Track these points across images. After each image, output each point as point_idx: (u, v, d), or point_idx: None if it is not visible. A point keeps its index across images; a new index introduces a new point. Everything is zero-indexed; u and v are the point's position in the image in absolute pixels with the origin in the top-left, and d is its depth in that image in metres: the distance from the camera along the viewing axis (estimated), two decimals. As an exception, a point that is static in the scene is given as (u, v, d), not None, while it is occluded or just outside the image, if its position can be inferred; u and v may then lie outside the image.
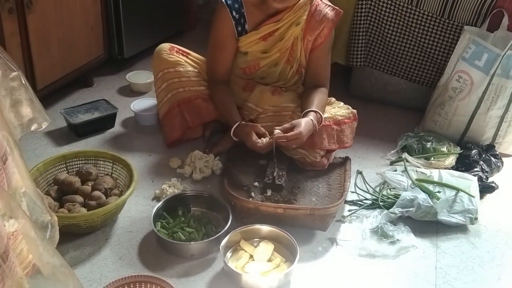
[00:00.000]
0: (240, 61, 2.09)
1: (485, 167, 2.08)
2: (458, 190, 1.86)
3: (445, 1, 2.29)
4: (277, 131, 1.81)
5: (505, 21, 2.22)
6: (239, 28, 2.00)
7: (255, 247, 1.65)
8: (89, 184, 1.77)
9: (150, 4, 2.86)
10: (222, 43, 2.03)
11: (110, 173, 1.86)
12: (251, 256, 1.61)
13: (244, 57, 2.07)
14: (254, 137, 1.85)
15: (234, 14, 1.97)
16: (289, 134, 1.79)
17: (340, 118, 1.99)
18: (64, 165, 1.85)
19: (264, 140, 1.85)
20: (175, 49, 2.14)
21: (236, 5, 1.96)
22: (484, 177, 2.03)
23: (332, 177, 2.00)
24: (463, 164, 2.10)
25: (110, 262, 1.60)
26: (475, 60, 2.15)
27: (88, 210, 1.65)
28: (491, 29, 2.25)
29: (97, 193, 1.71)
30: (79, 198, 1.71)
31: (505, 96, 2.15)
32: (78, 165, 1.86)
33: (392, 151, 2.21)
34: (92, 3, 2.45)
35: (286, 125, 1.83)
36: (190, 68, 2.12)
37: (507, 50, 2.08)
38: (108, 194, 1.74)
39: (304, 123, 1.82)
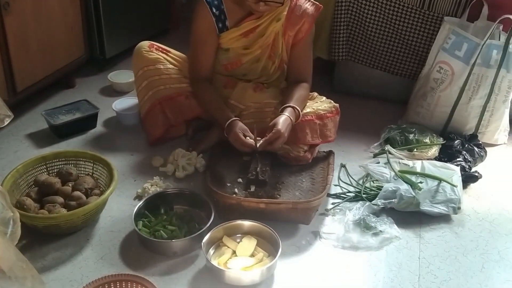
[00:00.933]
0: (222, 58, 2.08)
1: (468, 157, 2.08)
2: (440, 180, 1.86)
3: (425, -7, 2.30)
4: (259, 143, 1.81)
5: (485, 10, 2.23)
6: (220, 25, 1.99)
7: (238, 242, 1.64)
8: (70, 185, 1.76)
9: (131, 3, 2.84)
10: (203, 40, 2.02)
11: (90, 173, 1.84)
12: (234, 252, 1.61)
13: (226, 53, 2.07)
14: (242, 136, 1.83)
15: (214, 10, 1.96)
16: (268, 136, 1.79)
17: (322, 112, 1.99)
18: (44, 166, 1.83)
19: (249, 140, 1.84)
20: (155, 46, 2.13)
21: (216, 2, 1.96)
22: (467, 166, 2.03)
23: (315, 171, 2.00)
24: (446, 155, 2.10)
25: (91, 262, 1.59)
26: (455, 51, 2.15)
27: (68, 211, 1.63)
28: (471, 19, 2.27)
29: (77, 193, 1.70)
30: (60, 199, 1.69)
31: (486, 85, 2.16)
32: (59, 166, 1.84)
33: (375, 144, 2.22)
34: (71, 3, 2.43)
35: (267, 133, 1.81)
36: (170, 66, 2.11)
37: (486, 39, 2.09)
38: (89, 194, 1.72)
39: (281, 121, 1.82)
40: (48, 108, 2.31)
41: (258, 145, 1.81)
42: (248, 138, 1.84)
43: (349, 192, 1.95)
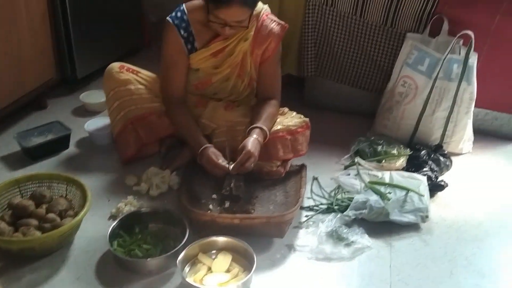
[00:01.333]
0: (192, 78, 2.12)
1: (434, 166, 2.16)
2: (407, 190, 1.92)
3: (388, 10, 2.39)
4: (231, 167, 1.84)
5: (445, 26, 2.32)
6: (189, 46, 2.03)
7: (213, 259, 1.66)
8: (44, 207, 1.75)
9: (102, 23, 2.86)
10: (173, 61, 2.05)
11: (64, 195, 1.84)
12: (210, 268, 1.63)
13: (196, 73, 2.10)
14: (221, 166, 1.86)
15: (182, 33, 2.00)
16: (239, 158, 1.82)
17: (293, 127, 2.04)
18: (18, 189, 1.82)
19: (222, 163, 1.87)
20: (125, 67, 2.16)
21: (184, 24, 1.99)
22: (434, 176, 2.10)
23: (288, 184, 2.04)
24: (413, 165, 2.17)
25: (67, 283, 1.59)
26: (418, 65, 2.24)
27: (43, 233, 1.63)
28: (433, 35, 2.36)
29: (51, 215, 1.70)
30: (34, 222, 1.69)
31: (448, 98, 2.25)
32: (32, 189, 1.84)
33: (346, 156, 2.28)
34: (41, 25, 2.44)
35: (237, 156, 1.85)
36: (141, 86, 2.13)
37: (447, 54, 2.18)
38: (63, 216, 1.72)
39: (250, 142, 1.85)
40: (20, 130, 2.30)
41: (231, 168, 1.84)
42: (221, 161, 1.88)
43: (322, 204, 2.00)
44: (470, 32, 2.16)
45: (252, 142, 1.86)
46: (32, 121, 2.48)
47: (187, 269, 1.63)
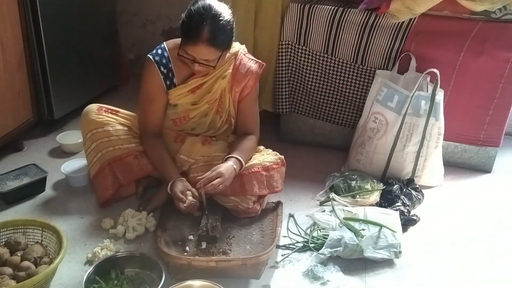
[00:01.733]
0: (170, 113, 2.15)
1: (406, 201, 2.21)
2: (380, 226, 1.96)
3: (357, 49, 2.47)
4: (199, 179, 1.89)
5: (413, 63, 2.42)
6: (168, 82, 2.07)
7: (190, 303, 1.67)
8: (18, 254, 1.74)
9: (79, 63, 2.89)
10: (152, 97, 2.09)
11: (40, 241, 1.84)
12: (186, 312, 1.63)
13: (174, 109, 2.14)
14: (179, 198, 1.90)
15: (162, 69, 2.04)
16: (210, 174, 1.87)
17: (268, 164, 2.08)
18: (-8, 236, 1.81)
19: (189, 198, 1.91)
20: (104, 108, 2.18)
21: (164, 61, 2.04)
22: (406, 210, 2.15)
23: (265, 223, 2.06)
24: (386, 200, 2.22)
25: (42, 334, 1.57)
26: (387, 102, 2.31)
27: (17, 282, 1.62)
28: (401, 71, 2.44)
29: (26, 263, 1.69)
30: (8, 270, 1.67)
31: (418, 133, 2.32)
32: (7, 236, 1.83)
33: (321, 192, 2.32)
34: (18, 68, 2.45)
35: (208, 173, 1.90)
36: (120, 127, 2.16)
37: (414, 91, 2.25)
38: (38, 263, 1.72)
39: (223, 166, 1.91)
40: (-5, 173, 2.30)
41: (198, 183, 1.88)
42: (189, 192, 1.91)
43: (298, 242, 2.02)
44: (435, 70, 2.24)
45: (226, 166, 1.91)
46: (7, 163, 2.46)
47: (163, 314, 1.63)
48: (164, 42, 2.09)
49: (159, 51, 2.06)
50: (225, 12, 1.92)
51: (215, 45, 1.90)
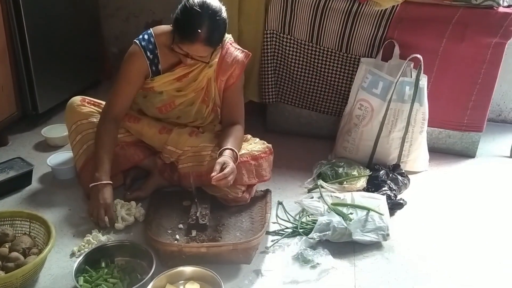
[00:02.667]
0: (156, 101, 2.14)
1: (392, 185, 2.24)
2: (368, 209, 1.99)
3: (342, 37, 2.49)
4: (213, 174, 1.82)
5: (397, 50, 2.44)
6: (153, 68, 2.06)
7: (181, 289, 1.67)
8: (7, 246, 1.73)
9: (62, 57, 2.86)
10: (129, 80, 2.06)
11: (28, 232, 1.82)
12: (178, 299, 1.64)
13: (160, 96, 2.13)
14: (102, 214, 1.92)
15: (148, 54, 2.03)
16: (226, 170, 1.83)
17: (256, 153, 2.08)
18: (-21, 229, 1.79)
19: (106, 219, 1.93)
20: (87, 100, 2.17)
21: (150, 46, 2.03)
22: (393, 195, 2.18)
23: (254, 210, 2.07)
24: (373, 185, 2.25)
25: (32, 324, 1.56)
26: (372, 89, 2.34)
27: (6, 273, 1.61)
28: (385, 59, 2.47)
29: (14, 254, 1.68)
30: (-4, 262, 1.66)
31: (403, 118, 2.34)
32: (-6, 228, 1.81)
33: (309, 179, 2.33)
34: (1, 62, 2.43)
35: (217, 167, 1.85)
36: (104, 118, 2.14)
37: (399, 77, 2.28)
38: (27, 254, 1.70)
39: (230, 160, 1.88)
40: (-19, 168, 2.27)
41: (213, 177, 1.80)
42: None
43: (287, 228, 2.04)
44: (419, 56, 2.28)
45: (229, 159, 1.89)
46: (-8, 158, 2.44)
47: (155, 301, 1.63)
48: (151, 28, 2.07)
49: (146, 37, 2.04)
50: (221, 9, 1.91)
51: (212, 43, 1.91)
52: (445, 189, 2.39)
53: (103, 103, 2.20)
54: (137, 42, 2.03)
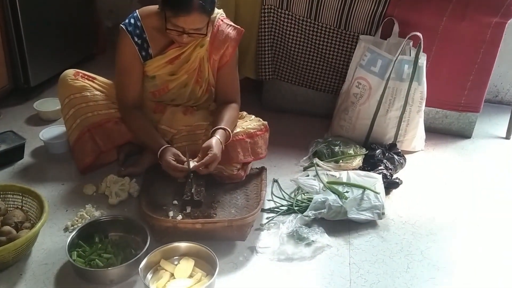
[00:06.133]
0: (149, 85, 2.10)
1: (388, 164, 2.23)
2: (364, 188, 1.98)
3: (341, 13, 2.45)
4: (193, 164, 1.84)
5: (396, 28, 2.41)
6: (143, 53, 2.02)
7: (176, 265, 1.66)
8: (-2, 220, 1.71)
9: (55, 30, 2.81)
10: (127, 68, 2.03)
11: (20, 206, 1.80)
12: (172, 275, 1.62)
13: (152, 81, 2.09)
14: (174, 163, 1.87)
15: (136, 39, 1.98)
16: (205, 159, 1.83)
17: (252, 131, 2.06)
18: (-30, 203, 1.77)
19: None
20: (80, 74, 2.13)
21: (137, 31, 1.98)
22: (389, 174, 2.17)
23: (249, 188, 2.06)
24: (369, 164, 2.24)
25: (25, 298, 1.55)
26: (371, 67, 2.31)
27: (-2, 247, 1.59)
28: (384, 37, 2.44)
29: (6, 228, 1.65)
30: (-12, 235, 1.64)
31: (400, 97, 2.32)
32: (-15, 201, 1.79)
33: (305, 158, 2.32)
34: (-9, 33, 2.37)
35: (199, 154, 1.86)
36: (97, 92, 2.11)
37: (398, 55, 2.25)
38: (19, 228, 1.68)
39: (215, 143, 1.87)
40: (-29, 141, 2.23)
41: (192, 166, 1.85)
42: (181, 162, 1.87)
43: (282, 206, 2.03)
44: (419, 34, 2.24)
45: (216, 142, 1.88)
46: (-17, 131, 2.40)
47: (149, 276, 1.62)
48: (136, 11, 2.01)
49: (132, 21, 1.98)
50: None
51: (206, 10, 1.86)
52: (441, 169, 2.39)
53: (97, 77, 2.17)
54: (123, 27, 1.98)
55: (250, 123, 2.11)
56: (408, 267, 1.78)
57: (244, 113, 2.20)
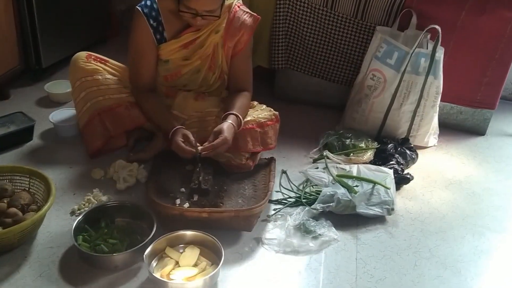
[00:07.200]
0: (162, 69, 2.09)
1: (400, 159, 2.19)
2: (374, 183, 1.95)
3: (358, 3, 2.40)
4: (200, 147, 1.83)
5: (414, 20, 2.35)
6: (158, 36, 1.99)
7: (181, 253, 1.65)
8: (5, 201, 1.70)
9: (68, 11, 2.78)
10: (142, 51, 2.02)
11: (27, 189, 1.79)
12: (177, 263, 1.62)
13: (165, 65, 2.07)
14: (182, 144, 1.85)
15: (151, 22, 1.96)
16: (215, 142, 1.81)
17: (263, 120, 2.03)
18: (-22, 183, 1.77)
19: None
20: (93, 57, 2.11)
21: (153, 13, 1.96)
22: (400, 169, 2.14)
23: (257, 178, 2.04)
24: (380, 158, 2.20)
25: (29, 281, 1.55)
26: (387, 59, 2.26)
27: (3, 228, 1.59)
28: (402, 28, 2.38)
29: (13, 209, 1.65)
30: (-6, 216, 1.64)
31: (416, 91, 2.28)
32: (-7, 182, 1.79)
33: (314, 149, 2.29)
34: (4, 12, 2.35)
35: (210, 138, 1.85)
36: (109, 76, 2.09)
37: (415, 48, 2.20)
38: (25, 210, 1.68)
39: (226, 128, 1.85)
40: (-19, 121, 2.23)
41: (201, 148, 1.83)
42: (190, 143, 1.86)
43: (290, 197, 2.01)
44: (437, 27, 2.19)
45: (228, 127, 1.86)
46: (-7, 111, 2.40)
47: (154, 263, 1.62)
48: None
49: (148, 3, 1.96)
50: None
51: None
52: (453, 166, 2.35)
53: (110, 60, 2.15)
54: (139, 9, 1.95)
55: (261, 112, 2.08)
56: (416, 265, 1.75)
57: (255, 102, 2.17)
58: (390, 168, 2.10)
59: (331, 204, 1.87)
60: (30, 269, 1.59)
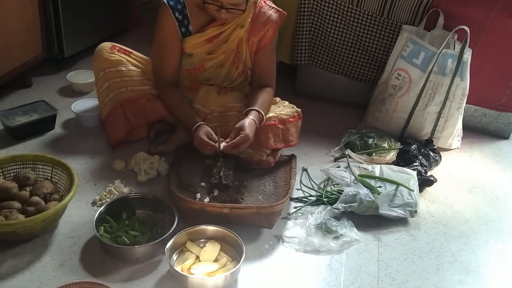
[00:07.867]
0: (185, 63, 2.07)
1: (423, 161, 2.16)
2: (398, 184, 1.92)
3: (385, 1, 2.36)
4: (222, 143, 1.82)
5: (441, 20, 2.31)
6: (183, 30, 1.98)
7: (202, 247, 1.64)
8: (27, 190, 1.71)
9: (91, 2, 2.78)
10: (166, 44, 2.01)
11: (49, 177, 1.80)
12: (198, 257, 1.61)
13: (189, 58, 2.06)
14: (206, 139, 1.84)
15: (177, 15, 1.95)
16: (236, 139, 1.80)
17: (285, 117, 2.01)
18: (0, 170, 1.77)
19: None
20: (117, 48, 2.10)
21: (179, 6, 1.94)
22: (423, 171, 2.10)
23: (278, 175, 2.02)
24: (403, 159, 2.17)
25: (50, 269, 1.55)
26: (413, 58, 2.22)
27: (26, 217, 1.59)
28: (428, 28, 2.34)
29: (35, 198, 1.65)
30: (17, 204, 1.64)
31: (441, 92, 2.24)
32: (16, 170, 1.79)
33: (336, 148, 2.26)
34: (29, 2, 2.35)
35: (231, 135, 1.83)
36: (133, 68, 2.08)
37: (442, 49, 2.16)
38: (48, 199, 1.68)
39: (248, 124, 1.83)
40: (3, 108, 2.23)
41: (222, 146, 1.82)
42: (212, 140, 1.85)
43: (311, 196, 1.99)
44: (466, 28, 2.15)
45: (250, 123, 1.84)
46: (15, 99, 2.40)
47: (174, 257, 1.61)
48: None
49: None
50: None
51: None
52: (477, 169, 2.31)
53: (134, 52, 2.14)
54: (165, 1, 1.94)
55: (283, 109, 2.06)
56: (438, 269, 1.72)
57: (278, 98, 2.15)
58: (413, 169, 2.07)
59: (353, 204, 1.85)
60: (51, 258, 1.59)
